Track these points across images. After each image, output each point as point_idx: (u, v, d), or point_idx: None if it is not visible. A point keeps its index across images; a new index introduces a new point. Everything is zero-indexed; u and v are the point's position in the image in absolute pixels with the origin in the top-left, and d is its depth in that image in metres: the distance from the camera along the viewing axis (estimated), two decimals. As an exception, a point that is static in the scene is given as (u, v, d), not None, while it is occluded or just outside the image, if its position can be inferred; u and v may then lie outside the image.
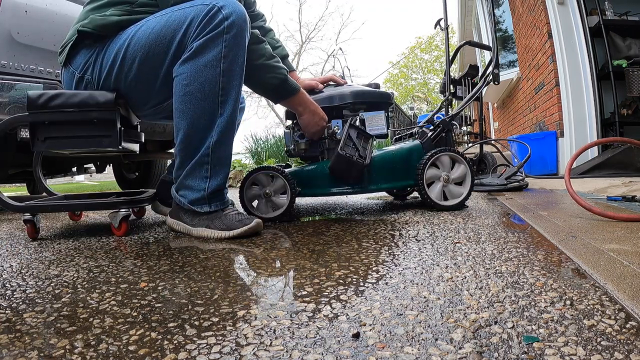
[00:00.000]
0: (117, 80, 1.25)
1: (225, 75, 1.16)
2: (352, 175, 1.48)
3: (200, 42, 1.14)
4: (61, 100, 1.21)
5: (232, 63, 1.17)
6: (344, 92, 1.54)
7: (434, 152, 1.58)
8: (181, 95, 1.17)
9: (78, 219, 1.79)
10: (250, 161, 5.69)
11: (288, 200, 1.47)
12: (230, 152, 1.26)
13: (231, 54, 1.16)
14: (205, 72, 1.15)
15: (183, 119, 1.18)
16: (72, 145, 1.25)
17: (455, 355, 0.45)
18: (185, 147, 1.20)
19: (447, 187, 1.60)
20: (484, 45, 2.26)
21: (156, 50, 1.19)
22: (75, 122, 1.23)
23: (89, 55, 1.26)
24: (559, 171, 3.95)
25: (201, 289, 0.72)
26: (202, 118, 1.17)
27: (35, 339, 0.54)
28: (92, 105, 1.22)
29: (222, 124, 1.19)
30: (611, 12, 3.61)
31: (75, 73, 1.28)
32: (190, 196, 1.22)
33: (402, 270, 0.79)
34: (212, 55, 1.14)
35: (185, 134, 1.19)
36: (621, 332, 0.49)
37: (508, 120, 6.51)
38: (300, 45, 20.36)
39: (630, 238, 0.95)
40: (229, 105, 1.19)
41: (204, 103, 1.16)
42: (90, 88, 1.28)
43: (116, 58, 1.22)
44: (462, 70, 9.21)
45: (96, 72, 1.26)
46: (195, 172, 1.21)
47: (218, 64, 1.15)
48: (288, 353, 0.47)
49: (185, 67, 1.16)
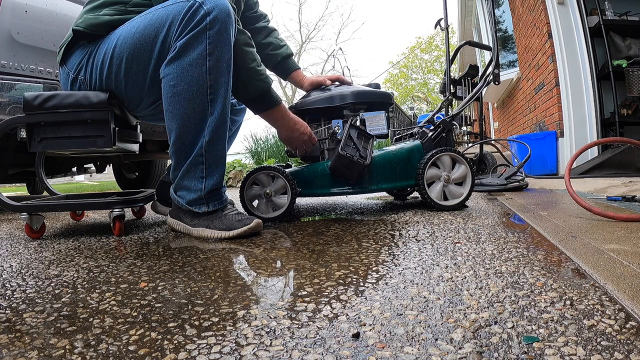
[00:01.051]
0: (108, 81, 1.25)
1: (212, 72, 1.14)
2: (352, 175, 1.48)
3: (183, 40, 1.12)
4: (56, 101, 1.22)
5: (219, 60, 1.14)
6: (344, 92, 1.54)
7: (435, 152, 1.58)
8: (169, 96, 1.16)
9: (79, 219, 1.80)
10: (250, 161, 5.69)
11: (288, 201, 1.47)
12: (225, 151, 1.25)
13: (217, 51, 1.13)
14: (191, 71, 1.13)
15: (173, 120, 1.17)
16: (67, 145, 1.26)
17: (455, 355, 0.45)
18: (178, 148, 1.19)
19: (447, 187, 1.60)
20: (484, 46, 2.25)
21: (141, 51, 1.17)
22: (70, 122, 1.24)
23: (82, 56, 1.26)
24: (559, 171, 3.95)
25: (201, 289, 0.72)
26: (192, 118, 1.16)
27: (35, 339, 0.54)
28: (86, 106, 1.22)
29: (213, 122, 1.17)
30: (611, 12, 3.61)
31: (70, 73, 1.29)
32: (188, 197, 1.22)
33: (402, 270, 0.79)
34: (197, 53, 1.12)
35: (177, 135, 1.18)
36: (621, 332, 0.49)
37: (508, 120, 6.51)
38: (300, 45, 20.38)
39: (630, 238, 0.95)
40: (219, 103, 1.17)
41: (193, 103, 1.15)
42: (84, 88, 1.29)
43: (105, 58, 1.22)
44: (462, 71, 9.21)
45: (88, 73, 1.26)
46: (191, 172, 1.20)
47: (204, 62, 1.13)
48: (288, 353, 0.47)
49: (171, 68, 1.14)
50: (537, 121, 4.64)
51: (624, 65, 3.39)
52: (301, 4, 28.68)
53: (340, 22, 37.21)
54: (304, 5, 39.76)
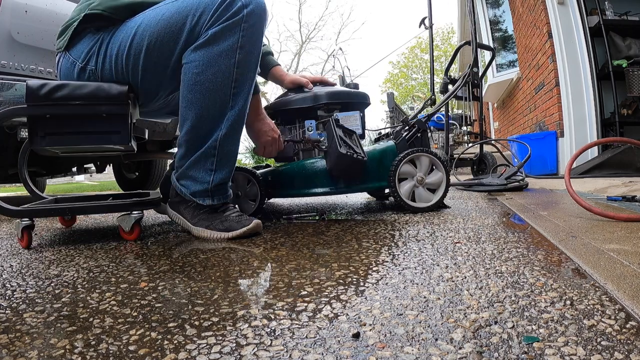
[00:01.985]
0: (123, 71, 1.18)
1: (239, 66, 1.11)
2: (354, 172, 1.46)
3: (216, 29, 1.08)
4: (66, 91, 1.10)
5: (248, 54, 1.12)
6: (318, 93, 1.54)
7: (407, 153, 1.54)
8: (191, 84, 1.12)
9: (69, 224, 1.59)
10: (251, 161, 5.69)
11: (258, 202, 1.52)
12: (237, 146, 1.22)
13: (248, 45, 1.11)
14: (220, 61, 1.10)
15: (191, 108, 1.14)
16: (76, 142, 1.15)
17: (455, 355, 0.45)
18: (191, 137, 1.16)
19: (417, 189, 1.56)
20: (484, 46, 2.26)
21: (166, 39, 1.13)
22: (82, 116, 1.12)
23: (93, 43, 1.19)
24: (559, 171, 3.95)
25: (201, 288, 0.72)
26: (211, 109, 1.13)
27: (35, 339, 0.54)
28: (102, 98, 1.11)
29: (232, 117, 1.14)
30: (611, 12, 3.61)
31: (77, 63, 1.21)
32: (193, 187, 1.19)
33: (402, 270, 0.79)
34: (228, 44, 1.09)
35: (192, 124, 1.14)
36: (621, 332, 0.49)
37: (508, 120, 6.51)
38: (300, 45, 20.39)
39: (630, 238, 0.95)
40: (241, 98, 1.14)
41: (215, 94, 1.11)
42: (93, 79, 1.20)
43: (122, 47, 1.16)
44: (462, 70, 9.19)
45: (100, 63, 1.19)
46: (200, 163, 1.17)
47: (233, 54, 1.10)
48: (288, 353, 0.47)
49: (197, 54, 1.10)
50: (537, 121, 4.64)
51: (624, 65, 3.39)
52: (301, 4, 28.74)
53: (340, 22, 37.20)
54: (304, 5, 39.80)
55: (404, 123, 1.71)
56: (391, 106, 4.14)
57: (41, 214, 1.29)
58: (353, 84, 1.72)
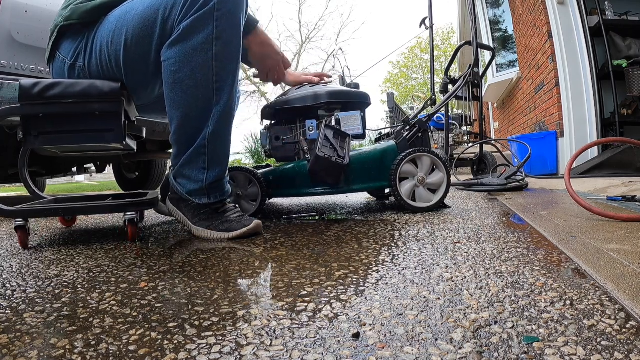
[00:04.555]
0: (108, 68, 1.16)
1: (218, 59, 1.06)
2: (332, 175, 1.46)
3: (187, 22, 1.03)
4: (59, 90, 1.08)
5: (226, 45, 1.06)
6: (318, 92, 1.54)
7: (408, 152, 1.54)
8: (170, 82, 1.08)
9: (69, 225, 1.62)
10: (251, 161, 5.70)
11: (258, 202, 1.52)
12: (229, 142, 1.19)
13: (225, 35, 1.05)
14: (196, 56, 1.05)
15: (175, 108, 1.10)
16: (69, 140, 1.13)
17: (455, 355, 0.45)
18: (179, 137, 1.14)
19: (418, 189, 1.56)
20: (484, 46, 2.26)
21: (142, 34, 1.09)
22: (74, 114, 1.11)
23: (78, 41, 1.18)
24: (559, 171, 3.95)
25: (201, 288, 0.72)
26: (195, 108, 1.09)
27: (35, 339, 0.54)
28: (94, 96, 1.09)
29: (218, 113, 1.11)
30: (611, 12, 3.61)
31: (66, 61, 1.19)
32: (189, 186, 1.17)
33: (402, 270, 0.79)
34: (202, 37, 1.04)
35: (178, 124, 1.12)
36: (621, 332, 0.49)
37: (508, 120, 6.51)
38: (300, 45, 20.37)
39: (630, 238, 0.95)
40: (225, 92, 1.10)
41: (197, 92, 1.07)
42: (83, 77, 1.19)
43: (104, 43, 1.14)
44: (463, 70, 9.20)
45: (87, 59, 1.17)
46: (193, 162, 1.15)
47: (210, 47, 1.04)
48: (288, 353, 0.47)
49: (173, 51, 1.06)
50: (537, 121, 4.64)
51: (624, 65, 3.39)
52: (301, 4, 28.62)
53: (340, 22, 37.15)
54: (304, 5, 39.71)
55: (405, 123, 1.71)
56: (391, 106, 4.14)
57: (35, 214, 1.27)
58: (354, 84, 1.71)
